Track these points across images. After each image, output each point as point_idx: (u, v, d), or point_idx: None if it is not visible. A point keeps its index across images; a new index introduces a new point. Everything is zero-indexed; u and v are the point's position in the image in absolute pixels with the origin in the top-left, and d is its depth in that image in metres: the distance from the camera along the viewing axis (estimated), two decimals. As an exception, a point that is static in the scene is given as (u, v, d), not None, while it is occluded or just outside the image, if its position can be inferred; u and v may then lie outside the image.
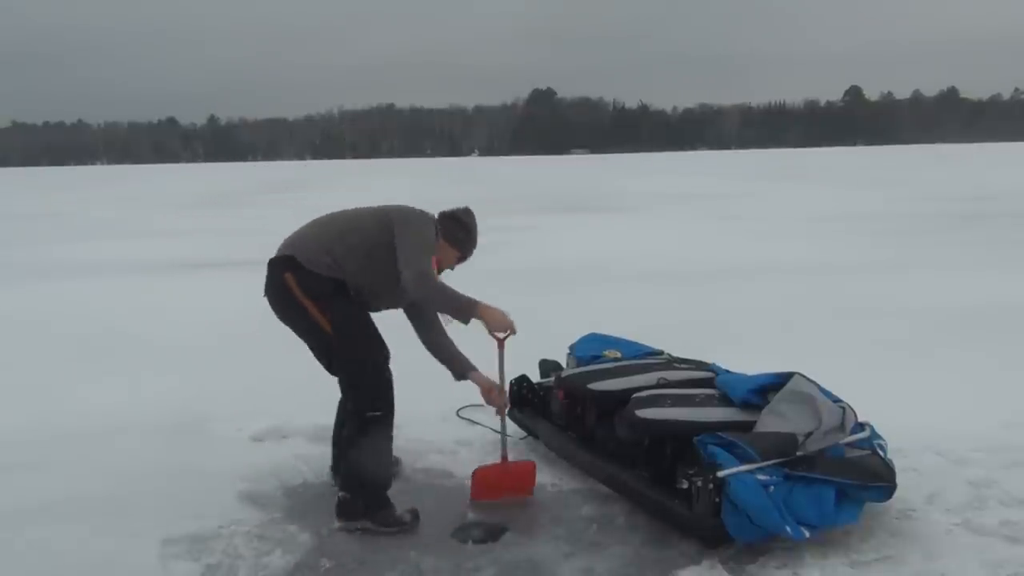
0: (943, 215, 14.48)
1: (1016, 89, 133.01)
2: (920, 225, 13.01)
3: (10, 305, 7.85)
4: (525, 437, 3.93)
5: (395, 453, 3.30)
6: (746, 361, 3.88)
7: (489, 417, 4.16)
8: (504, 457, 3.47)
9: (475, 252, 3.39)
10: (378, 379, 3.08)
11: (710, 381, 3.48)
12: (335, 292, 3.08)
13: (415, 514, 3.13)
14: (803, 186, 25.00)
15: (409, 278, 3.00)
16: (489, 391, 3.44)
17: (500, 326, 3.20)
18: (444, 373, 4.08)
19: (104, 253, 11.89)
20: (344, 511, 3.09)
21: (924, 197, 18.71)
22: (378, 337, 3.15)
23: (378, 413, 3.06)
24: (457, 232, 3.29)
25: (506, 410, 3.52)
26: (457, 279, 3.34)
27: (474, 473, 3.36)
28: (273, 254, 3.19)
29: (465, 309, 3.08)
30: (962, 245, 10.50)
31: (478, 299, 3.11)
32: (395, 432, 3.21)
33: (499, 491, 3.35)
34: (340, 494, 3.12)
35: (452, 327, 3.33)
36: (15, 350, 6.02)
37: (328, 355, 3.22)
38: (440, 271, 3.22)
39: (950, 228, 12.51)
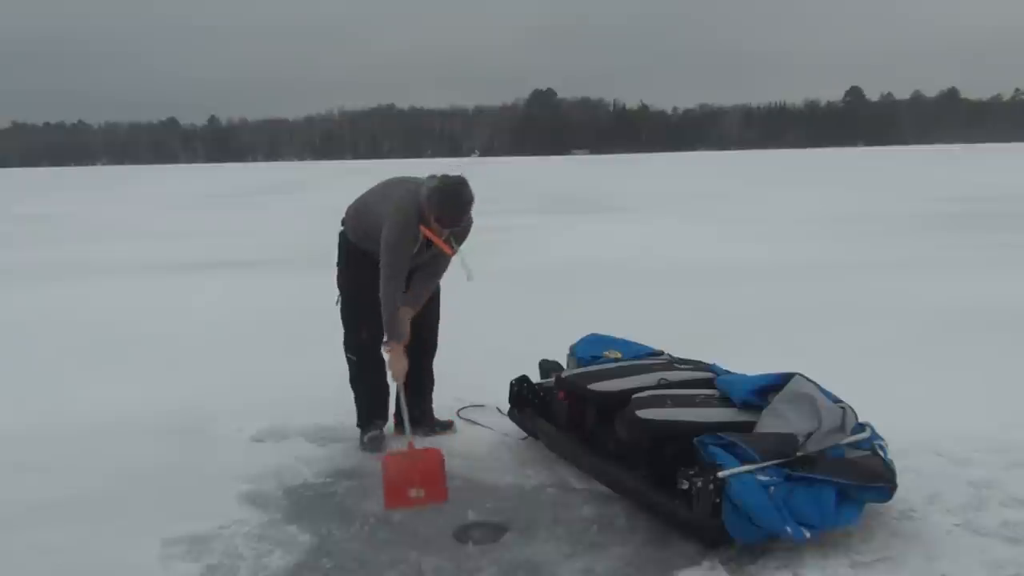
0: (943, 216, 14.47)
1: (1017, 90, 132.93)
2: (920, 226, 13.01)
3: (9, 306, 7.85)
4: (525, 438, 3.93)
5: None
6: (746, 362, 3.88)
7: (489, 418, 4.17)
8: (410, 444, 3.56)
9: (452, 220, 3.67)
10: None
11: (710, 382, 3.48)
12: (356, 263, 3.88)
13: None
14: (803, 187, 25.00)
15: (380, 280, 3.69)
16: (396, 364, 3.75)
17: (390, 365, 3.77)
18: (444, 375, 4.13)
19: (103, 254, 11.89)
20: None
21: (924, 198, 18.71)
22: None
23: (353, 358, 3.96)
24: (430, 211, 3.65)
25: (400, 383, 3.77)
26: (466, 279, 3.74)
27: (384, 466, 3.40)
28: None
29: (388, 330, 3.71)
30: (963, 246, 10.49)
31: (398, 339, 3.71)
32: (395, 431, 3.86)
33: (409, 484, 3.30)
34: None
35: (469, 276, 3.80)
36: (14, 350, 6.02)
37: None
38: (443, 239, 3.70)
39: (950, 229, 12.50)
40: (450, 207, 3.64)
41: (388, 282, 3.67)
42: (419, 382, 4.08)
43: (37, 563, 2.88)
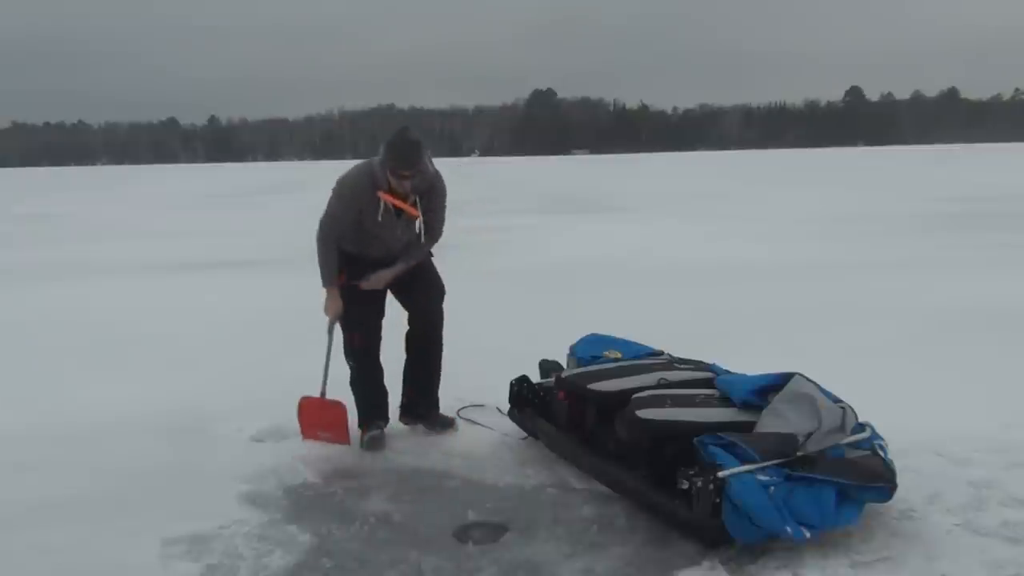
0: (943, 216, 14.47)
1: (1016, 90, 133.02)
2: (920, 226, 13.00)
3: (9, 306, 7.85)
4: (525, 438, 3.93)
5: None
6: (746, 362, 3.88)
7: (489, 417, 4.17)
8: (323, 393, 4.01)
9: (403, 163, 3.72)
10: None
11: (710, 382, 3.48)
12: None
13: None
14: (803, 187, 25.00)
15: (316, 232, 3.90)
16: (329, 306, 3.92)
17: (325, 308, 3.92)
18: (444, 374, 4.15)
19: (103, 254, 11.89)
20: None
21: (924, 198, 18.70)
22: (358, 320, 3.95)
23: (352, 363, 4.03)
24: (383, 167, 3.77)
25: (333, 326, 3.98)
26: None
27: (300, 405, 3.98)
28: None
29: (322, 275, 3.88)
30: (963, 246, 10.49)
31: (333, 284, 3.87)
32: (396, 431, 3.95)
33: (317, 426, 3.95)
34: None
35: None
36: (14, 350, 6.02)
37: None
38: (407, 200, 3.81)
39: (950, 229, 12.50)
40: (396, 151, 3.72)
41: (321, 243, 3.87)
42: (426, 380, 4.11)
43: (37, 563, 2.88)
